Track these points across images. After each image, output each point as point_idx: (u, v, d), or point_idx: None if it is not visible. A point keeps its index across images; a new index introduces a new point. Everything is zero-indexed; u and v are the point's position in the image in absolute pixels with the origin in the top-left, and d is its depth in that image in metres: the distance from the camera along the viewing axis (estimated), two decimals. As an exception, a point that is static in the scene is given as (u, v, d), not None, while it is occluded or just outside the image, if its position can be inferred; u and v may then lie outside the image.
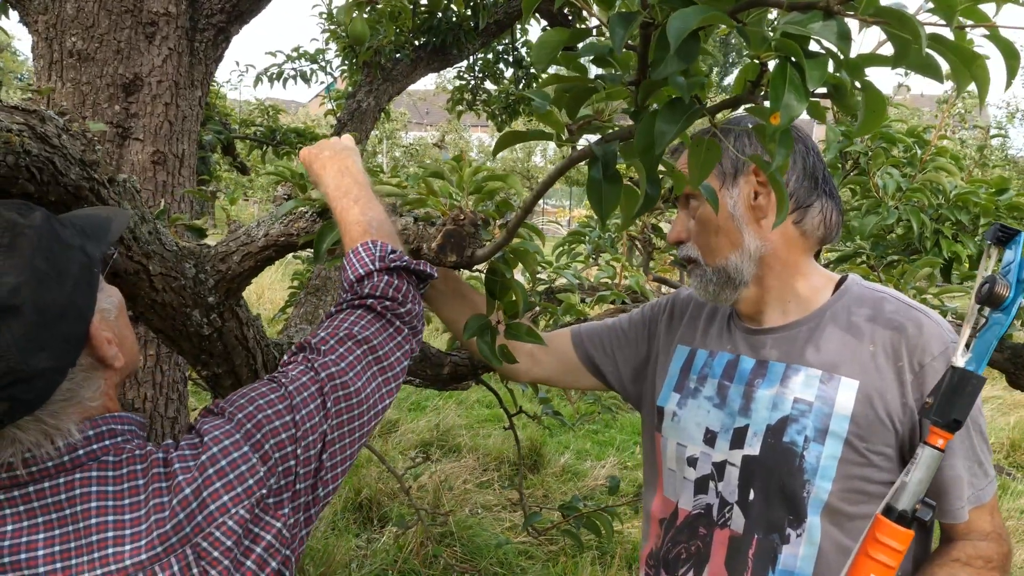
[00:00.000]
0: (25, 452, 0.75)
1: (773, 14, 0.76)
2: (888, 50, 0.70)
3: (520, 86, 4.28)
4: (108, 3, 1.81)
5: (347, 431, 0.89)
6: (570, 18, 3.40)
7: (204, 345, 1.35)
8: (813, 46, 0.68)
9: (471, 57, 4.05)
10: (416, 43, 3.35)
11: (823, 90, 0.74)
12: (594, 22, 0.88)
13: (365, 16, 2.74)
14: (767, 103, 0.69)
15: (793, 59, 0.67)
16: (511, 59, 4.24)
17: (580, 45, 0.86)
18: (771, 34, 0.69)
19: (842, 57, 0.68)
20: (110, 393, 0.84)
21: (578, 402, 2.86)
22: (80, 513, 0.75)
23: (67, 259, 0.78)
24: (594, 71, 0.91)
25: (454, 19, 3.27)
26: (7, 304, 0.71)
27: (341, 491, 4.02)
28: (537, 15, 3.50)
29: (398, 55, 3.36)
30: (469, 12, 3.23)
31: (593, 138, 0.93)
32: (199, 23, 1.96)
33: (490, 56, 4.23)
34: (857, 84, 0.74)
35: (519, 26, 3.88)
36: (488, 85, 4.40)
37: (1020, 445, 5.47)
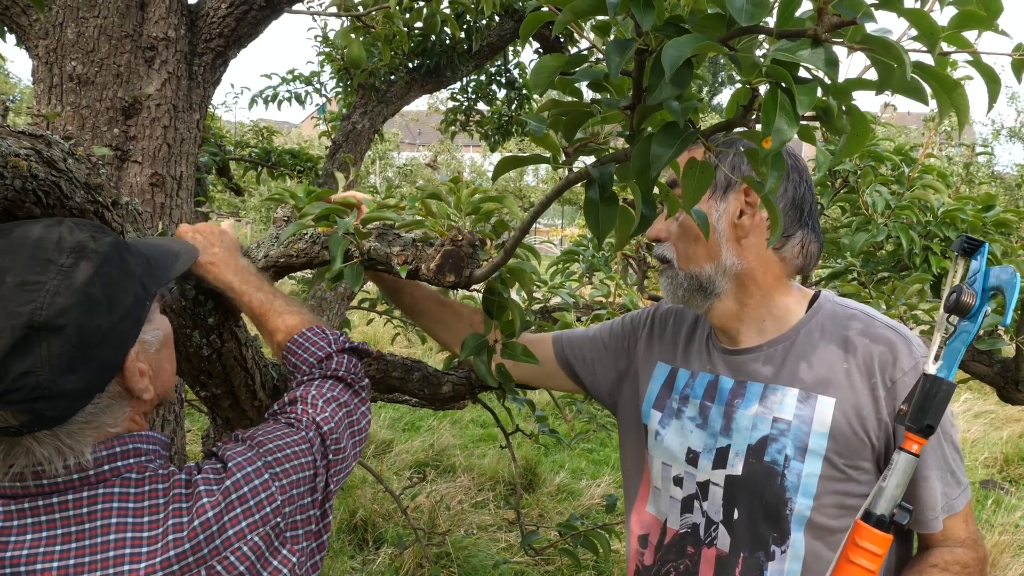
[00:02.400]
0: (36, 465, 0.77)
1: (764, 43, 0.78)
2: (873, 75, 0.73)
3: (513, 107, 4.32)
4: (108, 28, 1.84)
5: (334, 478, 0.96)
6: (562, 41, 3.45)
7: (203, 366, 1.36)
8: (802, 72, 0.71)
9: (464, 79, 4.10)
10: (410, 65, 3.39)
11: (811, 113, 0.77)
12: (585, 44, 0.90)
13: (362, 40, 2.78)
14: (759, 127, 0.71)
15: (783, 85, 0.69)
16: (504, 80, 4.28)
17: (576, 70, 0.88)
18: (762, 60, 0.72)
19: (830, 83, 0.70)
20: (136, 419, 0.86)
21: (573, 420, 2.87)
22: (100, 528, 0.76)
23: (123, 288, 0.80)
24: (589, 95, 0.94)
25: (448, 42, 3.31)
26: (52, 323, 0.73)
27: (335, 512, 4.00)
28: (531, 38, 3.54)
29: (392, 77, 3.39)
30: (463, 35, 3.27)
31: (589, 160, 0.95)
32: (198, 47, 1.99)
33: (483, 78, 4.27)
34: (843, 108, 0.76)
35: (512, 48, 3.93)
36: (481, 106, 4.44)
37: (1013, 459, 5.49)
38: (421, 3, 2.86)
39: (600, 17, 0.86)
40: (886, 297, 1.84)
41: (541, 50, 3.69)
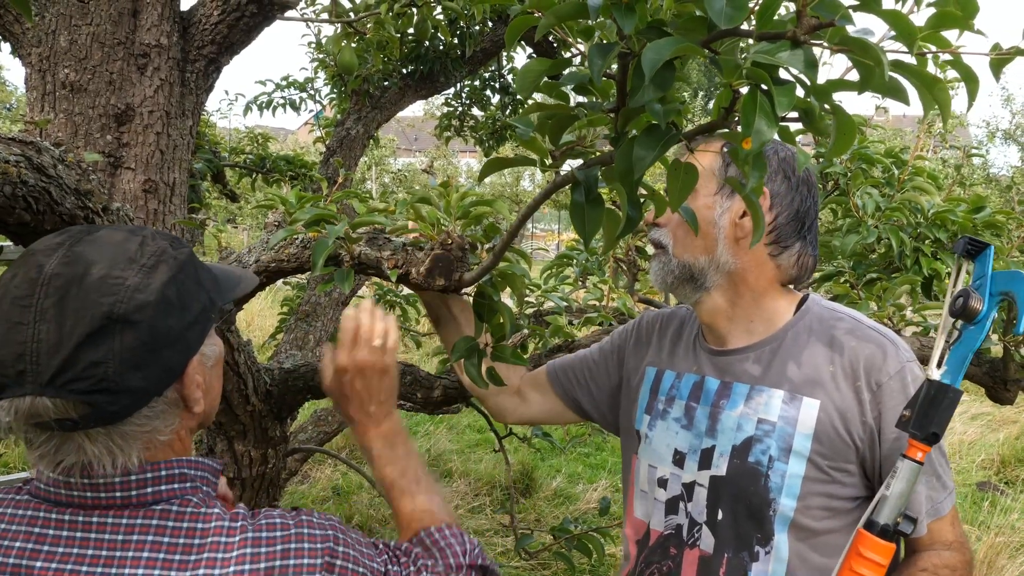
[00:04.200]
0: (85, 464, 0.76)
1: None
2: (856, 75, 0.74)
3: (507, 112, 4.33)
4: (101, 35, 1.84)
5: None
6: (555, 46, 3.46)
7: (196, 371, 1.36)
8: (782, 74, 0.72)
9: (458, 84, 4.11)
10: (404, 71, 3.40)
11: (794, 114, 0.77)
12: (578, 50, 0.91)
13: (353, 46, 2.79)
14: (740, 128, 0.72)
15: (763, 86, 0.70)
16: (498, 86, 4.29)
17: (562, 74, 0.89)
18: (743, 62, 0.72)
19: (810, 83, 0.71)
20: (182, 435, 0.84)
21: (568, 425, 2.88)
22: (130, 560, 0.75)
23: (194, 297, 0.80)
24: (575, 99, 0.94)
25: (441, 48, 3.32)
26: (130, 317, 0.74)
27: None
28: (523, 43, 3.56)
29: (386, 83, 3.40)
30: (456, 40, 3.28)
31: (576, 163, 0.96)
32: (190, 54, 1.99)
33: (477, 83, 4.28)
34: (827, 108, 0.77)
35: (506, 54, 3.95)
36: (475, 111, 4.46)
37: (1010, 461, 5.49)
38: (413, 9, 2.87)
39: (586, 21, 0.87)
40: (875, 298, 1.85)
41: (535, 55, 3.70)
